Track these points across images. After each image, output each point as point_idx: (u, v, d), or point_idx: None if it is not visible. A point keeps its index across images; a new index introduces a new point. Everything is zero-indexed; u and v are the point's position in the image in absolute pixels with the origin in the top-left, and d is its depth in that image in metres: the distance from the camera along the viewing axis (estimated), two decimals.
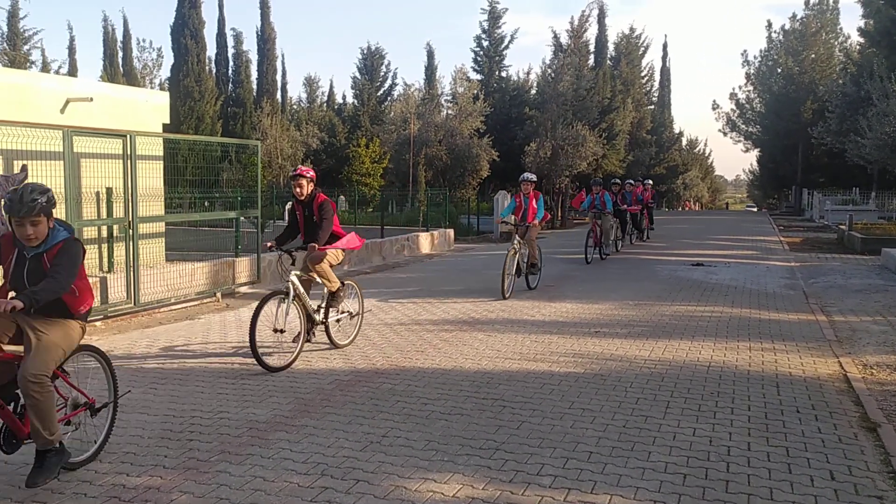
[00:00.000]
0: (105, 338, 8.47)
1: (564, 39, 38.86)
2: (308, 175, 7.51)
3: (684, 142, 69.56)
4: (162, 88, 45.11)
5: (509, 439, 5.07)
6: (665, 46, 67.29)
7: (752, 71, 54.06)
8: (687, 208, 73.22)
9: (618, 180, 20.29)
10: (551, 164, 35.05)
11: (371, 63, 49.03)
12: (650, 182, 24.55)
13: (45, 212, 4.15)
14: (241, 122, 43.31)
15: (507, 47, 41.97)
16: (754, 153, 62.74)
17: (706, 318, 9.72)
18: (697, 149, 78.02)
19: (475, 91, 35.51)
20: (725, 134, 58.07)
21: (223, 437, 5.07)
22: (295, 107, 54.60)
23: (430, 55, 46.57)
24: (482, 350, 7.80)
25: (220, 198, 15.17)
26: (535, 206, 11.95)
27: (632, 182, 21.88)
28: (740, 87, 52.61)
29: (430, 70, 45.63)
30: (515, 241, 11.53)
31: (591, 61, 43.45)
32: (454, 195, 31.33)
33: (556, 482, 4.35)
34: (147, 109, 10.81)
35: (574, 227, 34.55)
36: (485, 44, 42.09)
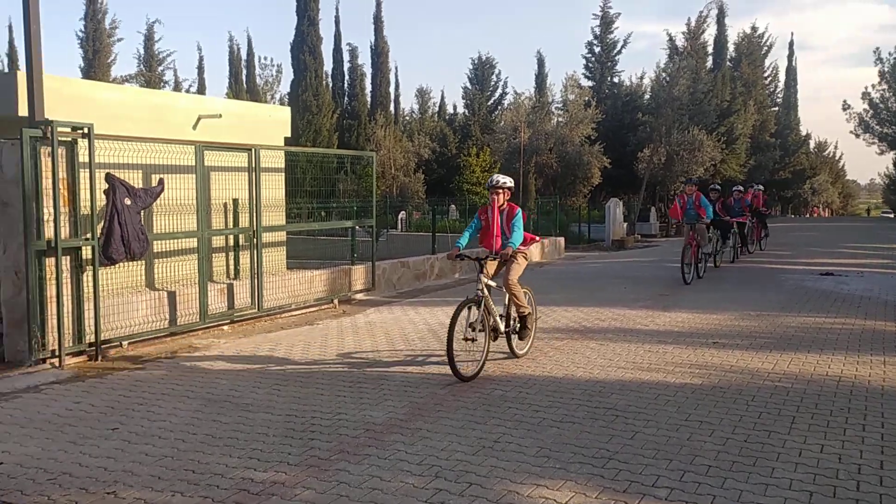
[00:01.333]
0: (231, 341, 8.96)
1: (680, 42, 37.83)
2: None
3: (812, 144, 65.98)
4: (282, 103, 47.22)
5: (623, 449, 4.99)
6: (791, 45, 64.10)
7: (885, 69, 50.63)
8: (815, 214, 69.32)
9: (717, 186, 17.25)
10: (666, 170, 34.16)
11: (482, 73, 49.43)
12: (761, 187, 21.68)
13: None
14: (355, 133, 44.68)
15: (619, 52, 41.31)
16: (890, 155, 58.63)
17: (836, 330, 9.19)
18: (827, 151, 73.78)
19: (586, 98, 35.12)
20: (858, 136, 54.54)
21: (342, 438, 5.27)
22: (407, 118, 55.77)
23: (541, 63, 46.45)
24: (594, 359, 7.71)
25: (336, 208, 15.70)
26: (509, 226, 7.41)
27: (741, 189, 19.06)
28: (873, 86, 49.16)
29: (541, 78, 45.51)
30: (481, 284, 7.15)
31: (710, 63, 41.99)
32: (564, 203, 31.07)
33: (672, 495, 4.25)
34: (270, 124, 11.37)
35: None
36: (596, 50, 41.55)
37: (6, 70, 42.02)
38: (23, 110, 7.90)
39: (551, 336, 8.94)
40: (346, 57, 45.84)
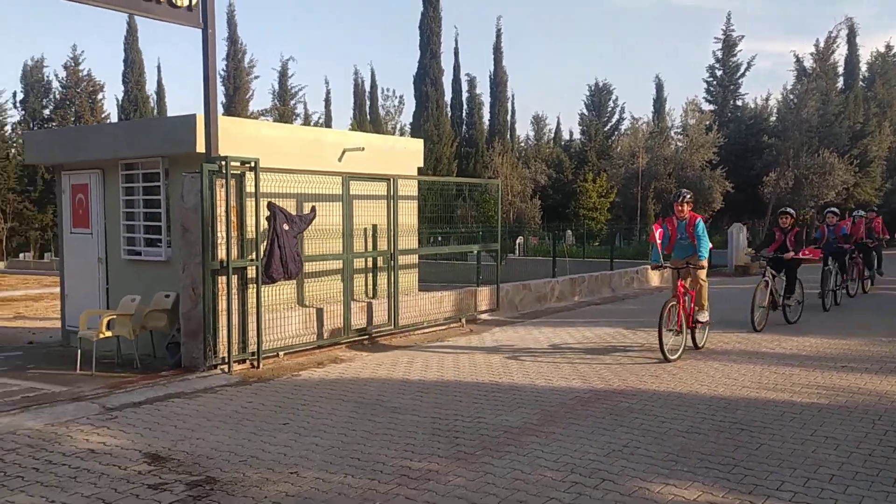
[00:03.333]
0: (371, 354, 9.78)
1: (808, 63, 36.67)
2: None
3: None
4: (402, 133, 49.06)
5: (748, 458, 5.32)
6: None
7: None
8: None
9: (835, 209, 13.88)
10: (794, 194, 33.10)
11: (598, 99, 49.48)
12: (873, 211, 17.52)
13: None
14: (473, 161, 45.68)
15: (742, 75, 40.38)
16: None
17: None
18: None
19: (707, 122, 34.61)
20: None
21: (483, 437, 5.87)
22: (522, 144, 56.41)
23: (659, 87, 46.04)
24: (717, 378, 7.97)
25: (462, 232, 16.48)
26: None
27: (835, 212, 15.52)
28: None
29: (659, 102, 45.09)
30: None
31: (840, 83, 40.35)
32: None
33: (795, 497, 4.57)
34: (405, 155, 12.28)
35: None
36: (718, 73, 40.85)
37: (155, 106, 46.04)
38: (200, 147, 9.07)
39: None
40: (464, 87, 47.13)
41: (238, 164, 8.78)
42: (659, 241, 9.25)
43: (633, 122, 40.53)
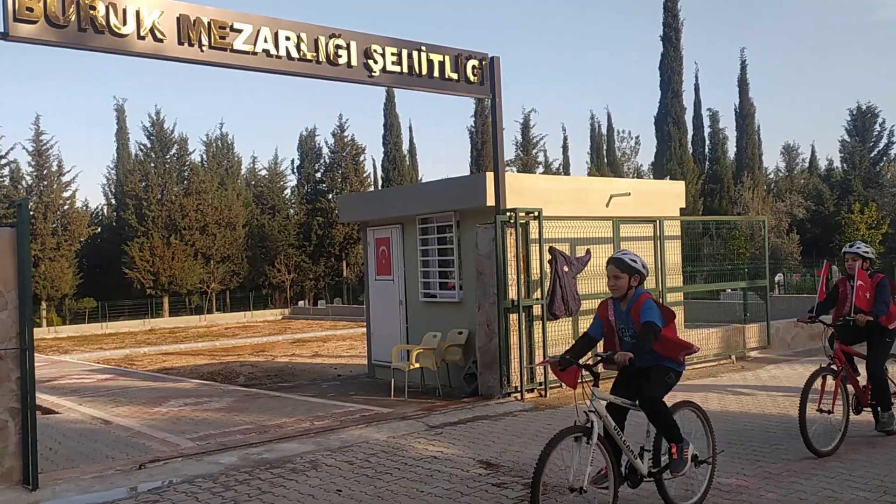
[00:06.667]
0: None
1: None
2: None
3: None
4: (638, 175, 48.85)
5: None
6: None
7: None
8: None
9: (859, 250, 7.33)
10: None
11: (861, 123, 45.70)
12: None
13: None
14: (718, 197, 44.22)
15: None
16: None
17: None
18: None
19: None
20: None
21: (783, 461, 6.18)
22: (771, 176, 53.41)
23: None
24: None
25: (728, 269, 16.38)
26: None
27: None
28: None
29: None
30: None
31: None
32: None
33: None
34: (668, 197, 12.74)
35: None
36: None
37: (409, 164, 50.44)
38: (490, 202, 10.31)
39: None
40: (706, 122, 46.02)
41: (524, 213, 9.88)
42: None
43: None
